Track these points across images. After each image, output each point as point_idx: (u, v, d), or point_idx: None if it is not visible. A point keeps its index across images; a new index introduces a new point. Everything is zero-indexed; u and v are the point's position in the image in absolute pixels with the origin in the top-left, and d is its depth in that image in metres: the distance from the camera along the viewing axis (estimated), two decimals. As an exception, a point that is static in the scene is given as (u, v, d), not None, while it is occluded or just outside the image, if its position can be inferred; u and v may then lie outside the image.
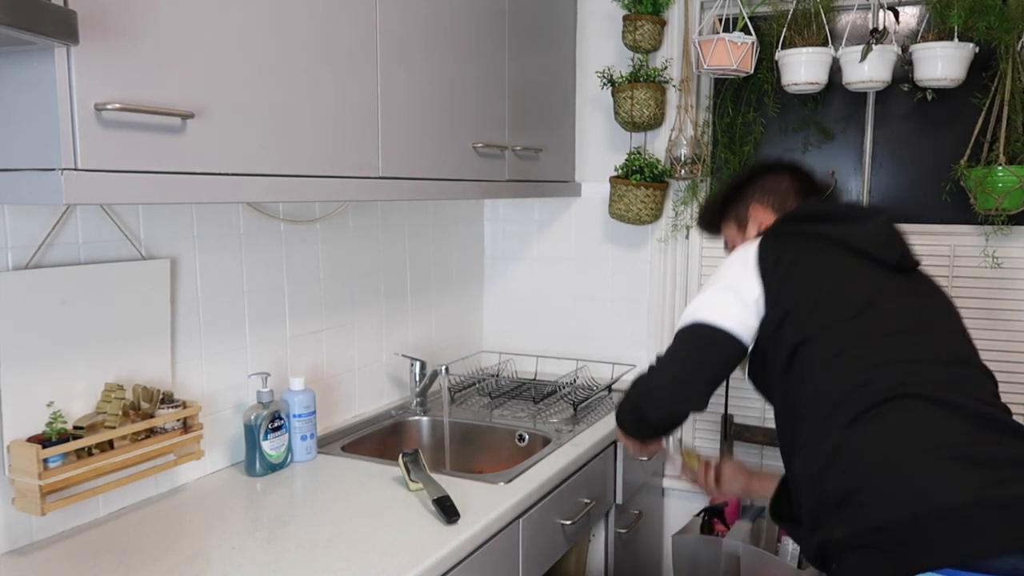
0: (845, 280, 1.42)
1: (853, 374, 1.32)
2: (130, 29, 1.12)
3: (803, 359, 1.37)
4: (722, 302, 1.44)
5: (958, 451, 1.23)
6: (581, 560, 2.20)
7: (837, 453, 1.28)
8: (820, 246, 1.46)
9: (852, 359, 1.33)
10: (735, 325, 1.43)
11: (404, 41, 1.68)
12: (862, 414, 1.28)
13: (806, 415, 1.35)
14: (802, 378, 1.37)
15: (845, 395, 1.31)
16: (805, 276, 1.42)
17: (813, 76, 2.16)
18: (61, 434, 1.37)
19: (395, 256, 2.30)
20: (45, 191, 1.04)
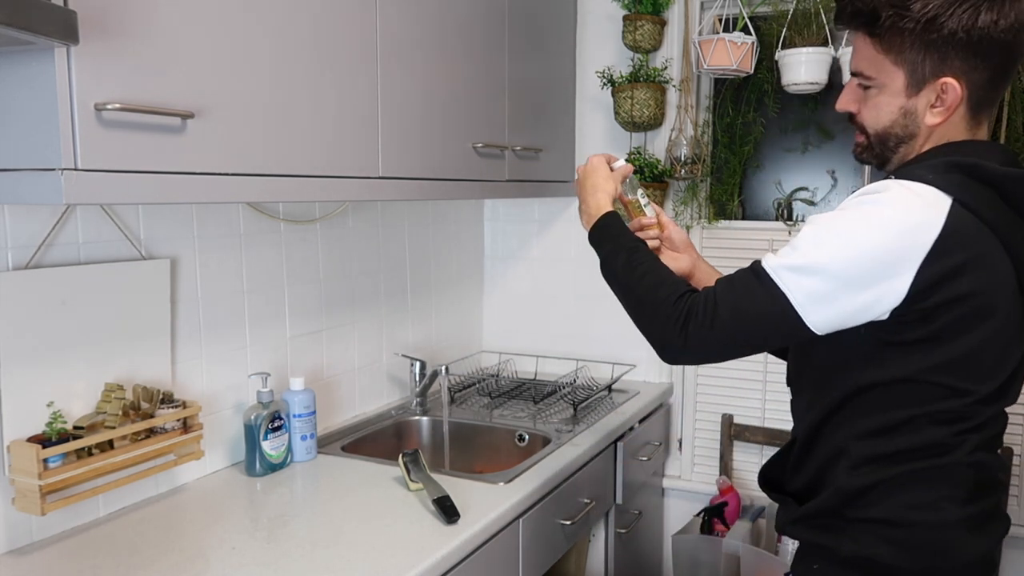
0: (1004, 326, 1.14)
1: (944, 436, 1.16)
2: (130, 29, 1.12)
3: (906, 393, 1.15)
4: (838, 300, 1.10)
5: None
6: (581, 560, 2.20)
7: (883, 485, 1.17)
8: (1002, 262, 1.12)
9: (953, 424, 1.16)
10: (831, 326, 1.13)
11: (404, 41, 1.68)
12: (926, 471, 1.16)
13: (866, 435, 1.18)
14: (888, 406, 1.16)
15: (921, 448, 1.16)
16: (970, 310, 1.11)
17: (813, 76, 2.16)
18: (61, 434, 1.37)
19: (395, 256, 2.30)
20: (45, 191, 1.04)
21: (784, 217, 2.41)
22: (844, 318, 1.12)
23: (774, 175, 2.43)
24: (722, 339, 1.19)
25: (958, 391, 1.14)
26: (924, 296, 1.09)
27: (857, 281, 1.10)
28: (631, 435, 2.20)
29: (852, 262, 1.10)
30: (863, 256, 1.09)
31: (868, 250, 1.09)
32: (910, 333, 1.12)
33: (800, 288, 1.12)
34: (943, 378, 1.13)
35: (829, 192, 2.37)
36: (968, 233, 1.10)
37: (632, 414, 2.23)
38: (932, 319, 1.11)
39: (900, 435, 1.17)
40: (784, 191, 2.41)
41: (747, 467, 2.47)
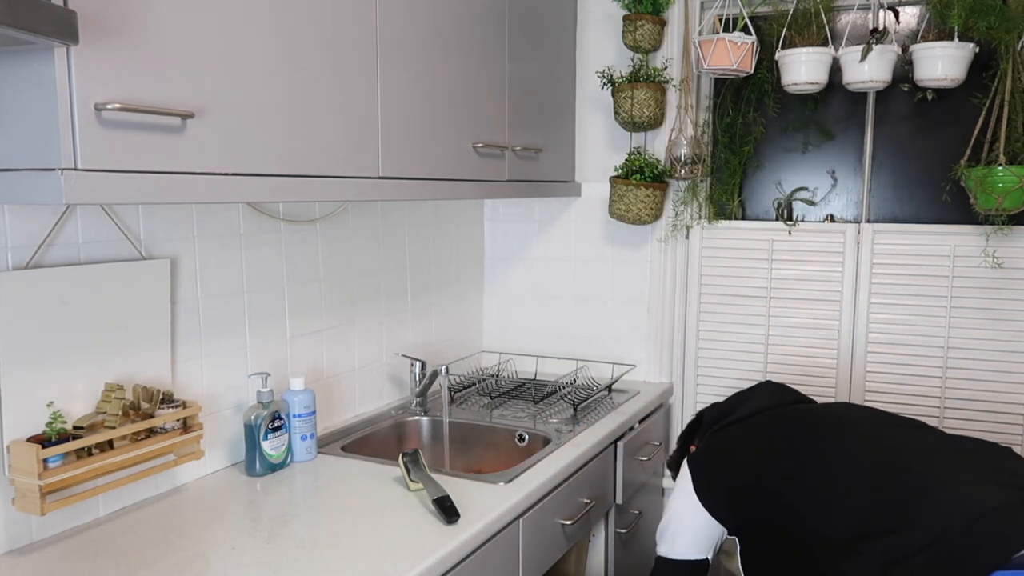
0: (769, 443, 1.62)
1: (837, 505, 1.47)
2: (130, 29, 1.12)
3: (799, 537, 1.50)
4: (673, 533, 1.70)
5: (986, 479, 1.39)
6: (581, 560, 2.20)
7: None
8: (733, 435, 1.70)
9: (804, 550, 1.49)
10: (688, 551, 1.68)
11: (404, 41, 1.68)
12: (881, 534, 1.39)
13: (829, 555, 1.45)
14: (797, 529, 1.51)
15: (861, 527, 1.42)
16: (735, 466, 1.64)
17: (813, 76, 2.16)
18: (61, 434, 1.37)
19: (395, 256, 2.30)
20: (45, 191, 1.04)
21: (784, 217, 2.41)
22: (693, 540, 1.67)
23: (774, 175, 2.43)
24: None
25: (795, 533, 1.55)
26: (709, 502, 1.68)
27: (678, 520, 1.70)
28: (631, 435, 2.20)
29: (671, 515, 1.73)
30: (674, 507, 1.73)
31: (673, 503, 1.73)
32: (736, 525, 1.69)
33: (663, 547, 1.71)
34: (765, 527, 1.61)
35: (829, 192, 2.37)
36: (703, 457, 1.74)
37: (632, 414, 2.23)
38: (732, 510, 1.66)
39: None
40: (784, 191, 2.41)
41: (747, 467, 2.47)
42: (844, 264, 2.32)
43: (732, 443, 1.69)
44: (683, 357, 2.53)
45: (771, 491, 1.54)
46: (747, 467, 1.61)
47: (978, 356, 2.21)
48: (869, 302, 2.30)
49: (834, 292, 2.34)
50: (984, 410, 2.22)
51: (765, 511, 1.54)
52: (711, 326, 2.49)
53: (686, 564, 1.69)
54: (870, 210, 2.33)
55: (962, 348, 2.22)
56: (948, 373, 2.24)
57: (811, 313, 2.37)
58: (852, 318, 2.33)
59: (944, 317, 2.23)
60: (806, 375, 2.38)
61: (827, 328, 2.36)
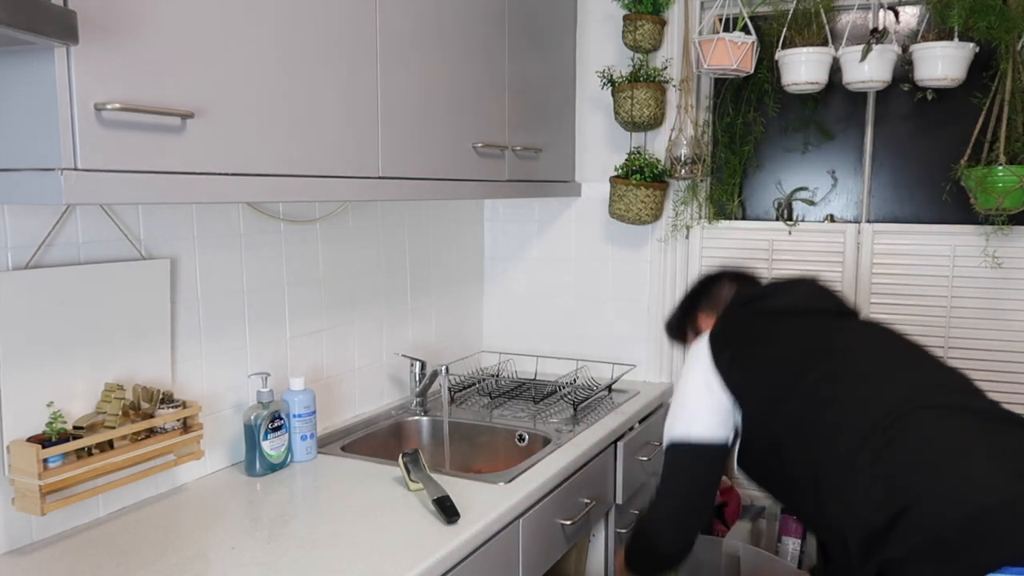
0: (803, 340, 1.50)
1: (856, 420, 1.34)
2: (130, 29, 1.12)
3: (802, 427, 1.40)
4: (692, 412, 1.54)
5: (985, 449, 1.26)
6: (581, 560, 2.20)
7: (873, 487, 1.28)
8: (763, 322, 1.56)
9: (848, 406, 1.36)
10: (710, 431, 1.52)
11: (404, 41, 1.68)
12: (883, 447, 1.29)
13: (824, 475, 1.35)
14: (807, 445, 1.39)
15: (859, 441, 1.31)
16: (764, 354, 1.51)
17: (813, 76, 2.16)
18: (61, 434, 1.37)
19: (395, 256, 2.29)
20: (45, 191, 1.04)
21: (784, 217, 2.41)
22: (713, 418, 1.51)
23: (774, 175, 2.43)
24: (679, 498, 1.57)
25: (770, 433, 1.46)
26: (728, 380, 1.52)
27: (694, 395, 1.55)
28: (631, 435, 2.20)
29: (685, 391, 1.57)
30: (688, 383, 1.58)
31: (688, 379, 1.58)
32: (745, 408, 1.52)
33: (677, 429, 1.55)
34: (761, 432, 1.48)
35: (829, 192, 2.37)
36: (726, 329, 1.59)
37: (632, 414, 2.23)
38: (746, 391, 1.51)
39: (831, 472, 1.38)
40: (784, 191, 2.41)
41: (747, 467, 2.47)
42: (844, 264, 2.32)
43: (768, 335, 1.54)
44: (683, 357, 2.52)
45: (796, 401, 1.42)
46: (778, 366, 1.48)
47: (978, 356, 2.21)
48: (869, 302, 2.30)
49: (834, 292, 2.34)
50: (984, 410, 2.21)
51: (781, 416, 1.43)
52: (711, 326, 2.49)
53: (710, 446, 1.52)
54: (870, 210, 2.33)
55: (962, 348, 2.22)
56: (948, 373, 2.24)
57: (811, 313, 2.37)
58: (852, 318, 2.33)
59: (944, 317, 2.23)
60: (806, 375, 2.38)
61: (827, 328, 2.35)
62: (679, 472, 1.56)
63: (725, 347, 1.55)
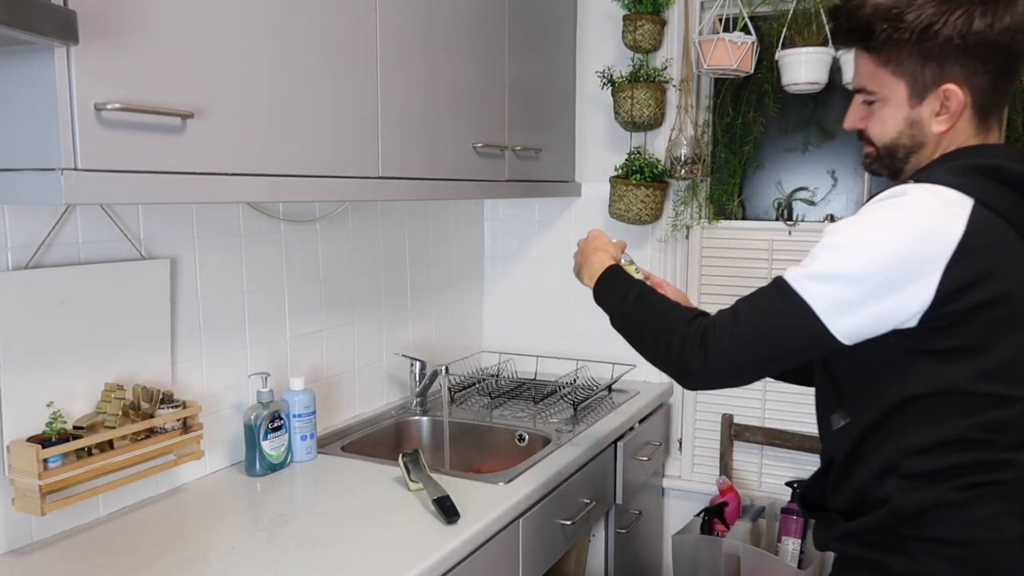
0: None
1: (995, 450, 1.12)
2: (130, 29, 1.12)
3: (951, 405, 1.12)
4: (862, 306, 1.09)
5: None
6: (581, 560, 2.20)
7: (941, 505, 1.13)
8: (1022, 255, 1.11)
9: (1003, 432, 1.12)
10: (857, 335, 1.12)
11: (404, 41, 1.68)
12: (982, 486, 1.12)
13: (914, 451, 1.14)
14: (931, 420, 1.13)
15: (976, 464, 1.12)
16: (1001, 313, 1.09)
17: (813, 76, 2.16)
18: (61, 434, 1.37)
19: (395, 256, 2.30)
20: (45, 191, 1.04)
21: (784, 217, 2.41)
22: (870, 325, 1.10)
23: (774, 175, 2.43)
24: (745, 354, 1.17)
25: (1005, 399, 1.10)
26: (952, 300, 1.06)
27: (880, 285, 1.07)
28: (631, 435, 2.20)
29: (874, 266, 1.08)
30: (885, 259, 1.07)
31: (890, 253, 1.07)
32: (945, 341, 1.09)
33: (822, 295, 1.10)
34: (987, 386, 1.10)
35: (829, 192, 2.37)
36: (993, 235, 1.08)
37: (632, 414, 2.23)
38: (964, 324, 1.08)
39: (951, 450, 1.13)
40: (784, 191, 2.41)
41: (747, 467, 2.47)
42: (844, 264, 2.32)
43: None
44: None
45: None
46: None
47: (978, 356, 2.21)
48: (869, 302, 2.30)
49: (834, 292, 2.34)
50: (984, 410, 2.21)
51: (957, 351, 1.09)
52: (711, 326, 2.48)
53: (835, 344, 1.12)
54: (870, 210, 2.33)
55: (962, 348, 2.22)
56: (948, 373, 2.24)
57: (811, 313, 2.37)
58: (852, 318, 2.32)
59: (944, 317, 2.23)
60: (806, 375, 2.38)
61: (827, 328, 2.35)
62: (785, 330, 1.15)
63: (988, 262, 1.07)
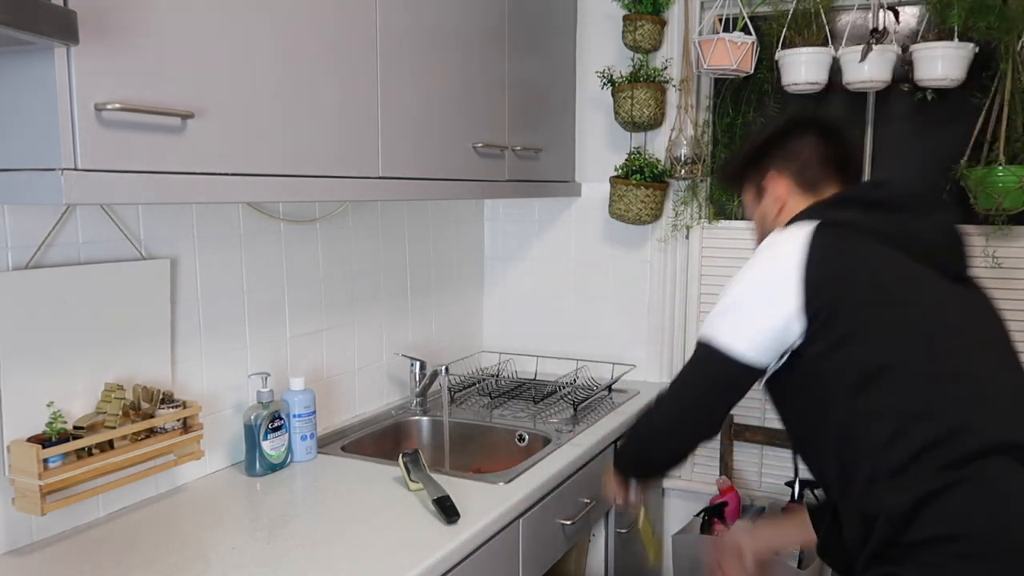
0: (913, 298, 1.26)
1: (945, 417, 1.19)
2: (130, 29, 1.12)
3: (877, 389, 1.22)
4: (747, 323, 1.29)
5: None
6: (581, 560, 2.20)
7: (934, 496, 1.16)
8: (877, 250, 1.28)
9: (941, 397, 1.20)
10: (758, 353, 1.28)
11: (404, 41, 1.68)
12: (961, 464, 1.17)
13: (877, 450, 1.21)
14: (872, 414, 1.22)
15: (939, 438, 1.18)
16: (866, 292, 1.25)
17: (813, 76, 2.16)
18: (61, 434, 1.37)
19: (395, 256, 2.30)
20: (45, 191, 1.04)
21: (784, 217, 2.40)
22: (762, 340, 1.28)
23: (774, 175, 2.43)
24: (684, 406, 1.40)
25: (914, 363, 1.22)
26: (818, 297, 1.24)
27: (755, 302, 1.30)
28: (631, 435, 2.20)
29: (745, 291, 1.32)
30: (754, 285, 1.32)
31: (756, 279, 1.32)
32: (830, 337, 1.24)
33: (718, 328, 1.32)
34: (890, 357, 1.22)
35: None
36: (835, 238, 1.28)
37: (632, 414, 2.23)
38: (838, 314, 1.24)
39: (908, 434, 1.19)
40: (784, 191, 2.41)
41: (747, 467, 2.47)
42: (844, 264, 2.32)
43: (883, 268, 1.27)
44: (683, 357, 2.53)
45: (873, 347, 1.22)
46: (881, 301, 1.24)
47: (978, 356, 2.21)
48: (869, 302, 2.30)
49: (834, 292, 2.34)
50: (984, 410, 2.21)
51: (851, 348, 1.22)
52: (711, 326, 2.49)
53: (746, 368, 1.28)
54: (870, 210, 2.33)
55: (962, 348, 2.22)
56: (948, 373, 2.24)
57: (811, 313, 2.37)
58: (852, 318, 2.32)
59: (944, 317, 2.23)
60: (806, 375, 2.38)
61: (827, 328, 2.35)
62: (701, 375, 1.36)
63: (828, 261, 1.26)
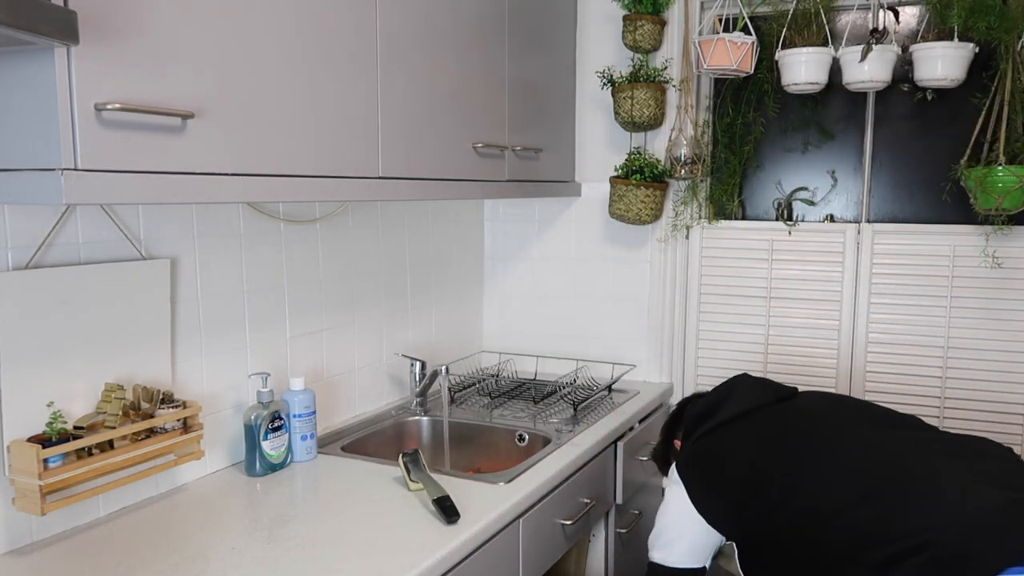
0: (765, 450, 1.57)
1: (836, 482, 1.45)
2: (130, 29, 1.12)
3: (792, 540, 1.48)
4: (668, 541, 1.65)
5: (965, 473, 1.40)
6: (581, 560, 2.20)
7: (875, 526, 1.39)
8: (718, 438, 1.64)
9: (822, 474, 1.48)
10: (684, 560, 1.64)
11: (404, 41, 1.68)
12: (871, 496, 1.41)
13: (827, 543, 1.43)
14: (807, 526, 1.46)
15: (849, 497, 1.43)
16: (731, 470, 1.58)
17: (813, 76, 2.16)
18: (61, 434, 1.37)
19: (395, 256, 2.30)
20: (45, 191, 1.04)
21: (784, 217, 2.41)
22: (694, 548, 1.64)
23: (774, 175, 2.43)
24: None
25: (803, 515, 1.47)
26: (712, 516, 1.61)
27: (674, 533, 1.66)
28: (631, 435, 2.20)
29: (666, 524, 1.68)
30: (668, 520, 1.68)
31: (670, 515, 1.68)
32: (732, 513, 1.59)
33: (659, 551, 1.67)
34: (780, 520, 1.49)
35: (829, 192, 2.37)
36: (697, 462, 1.66)
37: (632, 414, 2.23)
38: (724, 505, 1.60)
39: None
40: (784, 191, 2.41)
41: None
42: (844, 264, 2.32)
43: (724, 449, 1.63)
44: (683, 357, 2.53)
45: (771, 500, 1.50)
46: (743, 475, 1.56)
47: (978, 356, 2.21)
48: (869, 302, 2.30)
49: (834, 292, 2.34)
50: (984, 410, 2.22)
51: (765, 520, 1.51)
52: (711, 326, 2.49)
53: (683, 572, 1.65)
54: (870, 210, 2.33)
55: (962, 348, 2.22)
56: (948, 373, 2.24)
57: (811, 313, 2.37)
58: (852, 318, 2.33)
59: (944, 317, 2.23)
60: (806, 375, 2.38)
61: (827, 328, 2.36)
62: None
63: (693, 475, 1.63)
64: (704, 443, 1.66)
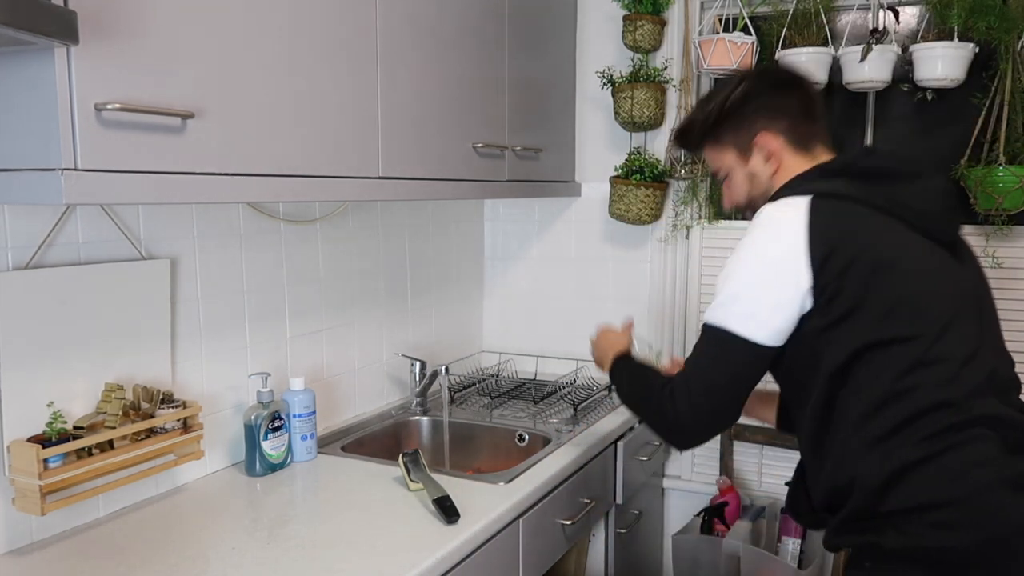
0: (912, 272, 1.27)
1: (927, 394, 1.22)
2: (130, 29, 1.12)
3: (867, 364, 1.24)
4: (757, 307, 1.28)
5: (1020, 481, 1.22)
6: (581, 560, 2.20)
7: (912, 467, 1.21)
8: (873, 220, 1.29)
9: (925, 376, 1.23)
10: (771, 335, 1.28)
11: (404, 41, 1.68)
12: (938, 437, 1.21)
13: (859, 421, 1.25)
14: (860, 386, 1.25)
15: (919, 412, 1.22)
16: (866, 268, 1.24)
17: (813, 76, 2.15)
18: (61, 434, 1.37)
19: (395, 256, 2.30)
20: (45, 191, 1.04)
21: (784, 217, 2.40)
22: (777, 321, 1.29)
23: (774, 175, 2.43)
24: (709, 397, 1.35)
25: (907, 339, 1.23)
26: (825, 273, 1.24)
27: (766, 288, 1.28)
28: (631, 435, 2.20)
29: (754, 276, 1.31)
30: (759, 268, 1.30)
31: (761, 260, 1.31)
32: (838, 309, 1.24)
33: (731, 316, 1.31)
34: (886, 333, 1.23)
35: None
36: (835, 211, 1.29)
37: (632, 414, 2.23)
38: (844, 288, 1.24)
39: (889, 408, 1.23)
40: (784, 191, 2.41)
41: (747, 467, 2.47)
42: (844, 264, 2.32)
43: (902, 249, 1.29)
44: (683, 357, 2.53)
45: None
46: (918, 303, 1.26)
47: (978, 356, 2.21)
48: (869, 302, 2.30)
49: (834, 292, 2.34)
50: (984, 410, 2.21)
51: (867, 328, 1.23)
52: (711, 326, 2.49)
53: (763, 348, 1.29)
54: (870, 210, 2.33)
55: (962, 348, 2.22)
56: (948, 373, 2.24)
57: (811, 313, 2.37)
58: (852, 318, 2.32)
59: (944, 317, 2.23)
60: (806, 375, 2.38)
61: (827, 328, 2.35)
62: (724, 365, 1.33)
63: (833, 238, 1.25)
64: (868, 215, 1.29)
